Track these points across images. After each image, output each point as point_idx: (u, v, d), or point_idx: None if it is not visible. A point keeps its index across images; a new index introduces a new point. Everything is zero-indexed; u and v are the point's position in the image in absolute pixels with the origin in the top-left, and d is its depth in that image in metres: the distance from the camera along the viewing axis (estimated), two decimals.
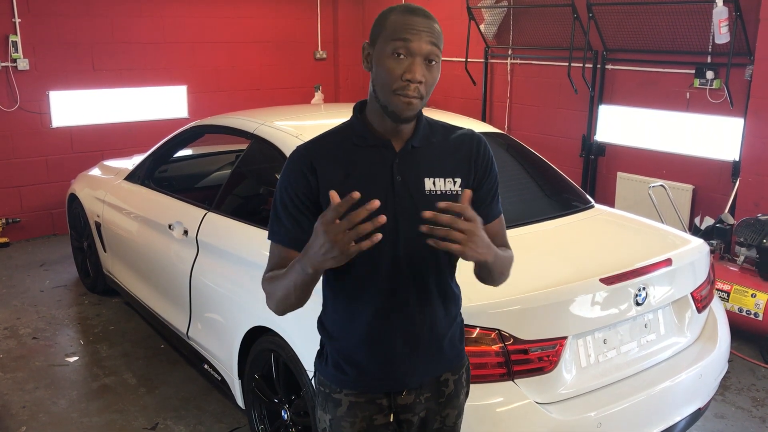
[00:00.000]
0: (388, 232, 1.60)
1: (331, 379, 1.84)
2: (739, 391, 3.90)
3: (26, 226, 6.47)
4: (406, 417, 1.85)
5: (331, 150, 1.74)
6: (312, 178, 1.70)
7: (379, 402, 1.82)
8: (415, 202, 1.70)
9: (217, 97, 7.34)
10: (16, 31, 6.06)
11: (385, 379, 1.81)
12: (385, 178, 1.71)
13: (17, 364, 4.17)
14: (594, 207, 3.49)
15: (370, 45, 1.71)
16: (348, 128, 1.78)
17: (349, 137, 1.76)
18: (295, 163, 1.74)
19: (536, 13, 6.40)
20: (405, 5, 1.70)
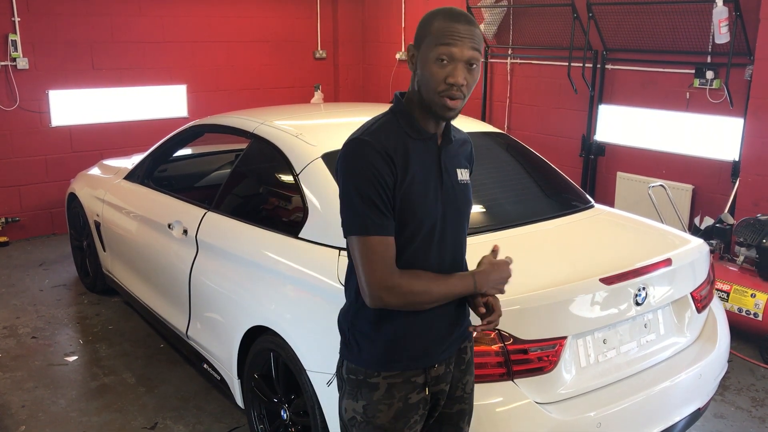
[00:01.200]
0: (438, 218, 1.86)
1: (368, 363, 1.87)
2: (738, 391, 3.90)
3: (26, 225, 6.47)
4: (438, 388, 1.96)
5: (395, 142, 1.80)
6: (393, 167, 1.76)
7: (414, 380, 1.90)
8: (455, 189, 1.92)
9: (216, 96, 7.33)
10: (15, 30, 6.06)
11: (425, 356, 1.91)
12: (435, 169, 1.87)
13: (16, 363, 4.17)
14: (594, 207, 3.49)
15: (415, 47, 1.83)
16: (395, 121, 1.85)
17: (402, 129, 1.83)
18: (377, 151, 1.75)
19: (536, 12, 6.40)
20: (448, 11, 1.81)
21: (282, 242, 3.03)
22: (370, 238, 1.74)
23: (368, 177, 1.73)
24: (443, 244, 1.89)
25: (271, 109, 4.28)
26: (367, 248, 1.75)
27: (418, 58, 1.81)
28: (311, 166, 3.06)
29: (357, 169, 1.74)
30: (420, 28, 1.82)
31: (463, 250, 1.99)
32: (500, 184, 3.49)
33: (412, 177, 1.79)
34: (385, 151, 1.76)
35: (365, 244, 1.75)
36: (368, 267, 1.75)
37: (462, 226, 1.96)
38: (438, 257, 1.88)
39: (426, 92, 1.80)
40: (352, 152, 1.77)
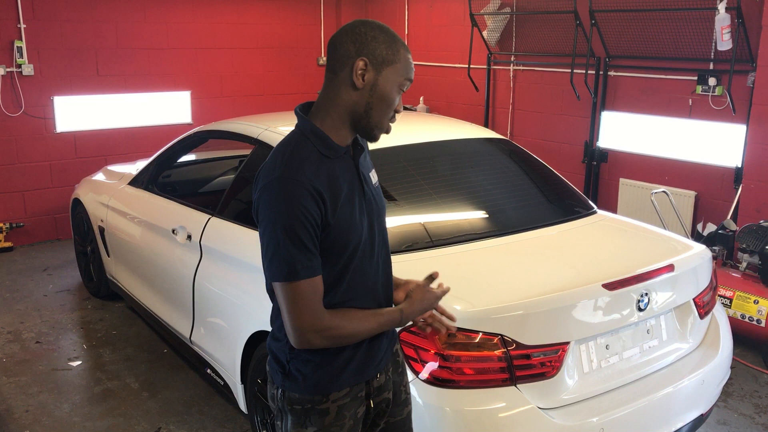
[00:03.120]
0: (367, 230, 1.82)
1: (315, 389, 1.84)
2: (741, 397, 3.90)
3: (30, 230, 6.49)
4: (381, 397, 1.97)
5: (317, 170, 1.72)
6: (321, 203, 1.69)
7: (359, 395, 1.90)
8: (373, 196, 1.90)
9: (220, 102, 7.36)
10: (21, 36, 6.09)
11: (367, 369, 1.90)
12: (356, 183, 1.83)
13: (20, 368, 4.18)
14: (596, 213, 3.49)
15: (374, 69, 1.74)
16: (307, 143, 1.76)
17: (316, 151, 1.75)
18: (305, 190, 1.66)
19: (539, 19, 6.42)
20: (402, 41, 1.80)
21: None
22: (299, 283, 1.68)
23: (298, 218, 1.65)
24: (373, 253, 1.87)
25: (274, 115, 4.30)
26: (295, 294, 1.69)
27: (376, 79, 1.74)
28: None
29: (285, 211, 1.65)
30: (383, 50, 1.73)
31: (389, 251, 1.99)
32: (503, 191, 3.50)
33: (339, 203, 1.73)
34: (313, 186, 1.68)
35: (294, 290, 1.69)
36: (296, 312, 1.70)
37: (385, 230, 1.96)
38: (373, 268, 1.88)
39: (375, 115, 1.77)
40: (279, 192, 1.67)
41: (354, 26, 1.76)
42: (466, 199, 3.32)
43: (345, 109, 1.77)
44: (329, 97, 1.78)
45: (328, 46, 1.79)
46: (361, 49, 1.72)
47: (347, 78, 1.74)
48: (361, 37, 1.73)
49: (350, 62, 1.73)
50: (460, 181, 3.42)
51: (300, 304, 1.70)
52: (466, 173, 3.51)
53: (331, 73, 1.78)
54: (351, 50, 1.73)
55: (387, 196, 3.13)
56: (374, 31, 1.74)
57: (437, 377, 2.38)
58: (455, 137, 3.75)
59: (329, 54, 1.78)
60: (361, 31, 1.74)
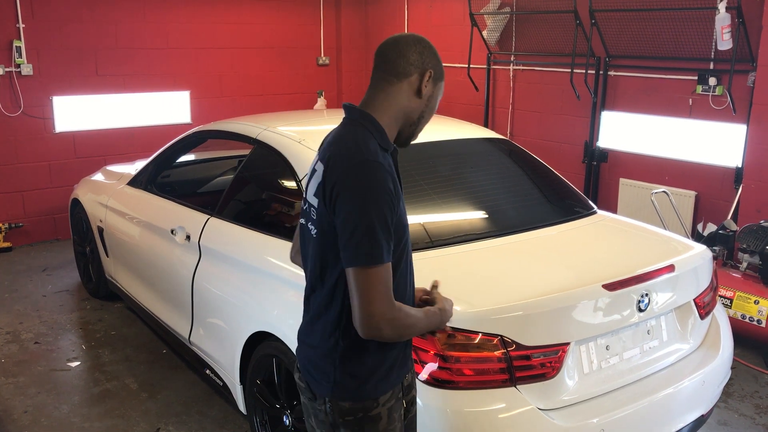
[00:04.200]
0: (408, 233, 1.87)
1: (368, 394, 1.82)
2: (742, 398, 3.89)
3: (29, 230, 6.48)
4: (411, 395, 2.00)
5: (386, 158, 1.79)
6: (397, 188, 1.76)
7: (399, 395, 1.90)
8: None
9: (219, 102, 7.35)
10: (20, 36, 6.09)
11: (405, 367, 1.93)
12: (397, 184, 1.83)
13: (19, 368, 4.17)
14: (596, 213, 3.49)
15: (433, 80, 1.87)
16: (368, 133, 1.80)
17: (375, 142, 1.80)
18: (389, 174, 1.73)
19: (539, 19, 6.41)
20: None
21: (285, 248, 3.03)
22: (381, 268, 1.69)
23: (387, 201, 1.69)
24: (410, 251, 1.92)
25: (274, 115, 4.29)
26: (376, 278, 1.68)
27: (433, 91, 1.88)
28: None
29: (375, 194, 1.68)
30: (440, 66, 1.89)
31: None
32: (503, 191, 3.49)
33: (400, 193, 1.80)
34: (392, 172, 1.75)
35: (375, 275, 1.68)
36: (372, 297, 1.68)
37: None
38: (410, 267, 1.92)
39: (423, 123, 1.90)
40: (367, 175, 1.69)
41: (418, 39, 1.87)
42: (465, 199, 3.32)
43: (402, 114, 1.86)
44: (388, 100, 1.84)
45: (387, 50, 1.85)
46: (426, 61, 1.85)
47: (413, 85, 1.84)
48: (427, 50, 1.86)
49: (417, 71, 1.84)
50: (459, 181, 3.41)
51: (379, 289, 1.68)
52: (466, 173, 3.50)
53: (392, 77, 1.83)
54: (418, 60, 1.84)
55: None
56: (433, 48, 1.89)
57: (437, 378, 2.37)
58: (455, 137, 3.74)
59: (391, 59, 1.84)
60: (426, 44, 1.87)
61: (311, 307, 1.89)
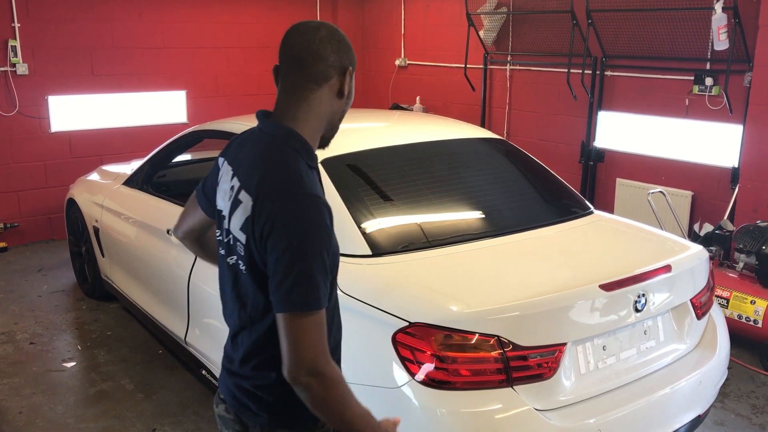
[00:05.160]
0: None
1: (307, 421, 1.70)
2: (738, 398, 3.89)
3: (24, 230, 6.46)
4: None
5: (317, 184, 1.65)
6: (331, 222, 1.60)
7: None
8: None
9: (216, 102, 7.34)
10: (15, 35, 6.06)
11: None
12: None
13: (14, 369, 4.15)
14: (593, 213, 3.48)
15: (352, 75, 1.71)
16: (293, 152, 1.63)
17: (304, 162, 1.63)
18: (324, 207, 1.57)
19: (535, 19, 6.41)
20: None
21: None
22: (319, 314, 1.52)
23: (324, 240, 1.53)
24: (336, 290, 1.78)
25: None
26: (311, 325, 1.51)
27: (351, 86, 1.72)
28: None
29: (313, 233, 1.52)
30: (353, 55, 1.71)
31: None
32: (500, 191, 3.49)
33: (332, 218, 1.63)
34: (327, 205, 1.59)
35: (311, 321, 1.51)
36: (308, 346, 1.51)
37: None
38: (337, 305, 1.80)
39: (338, 121, 1.75)
40: (305, 211, 1.52)
41: (331, 33, 1.67)
42: (462, 199, 3.31)
43: (326, 118, 1.70)
44: (311, 109, 1.67)
45: (304, 54, 1.66)
46: (344, 57, 1.68)
47: (334, 88, 1.67)
48: (342, 44, 1.68)
49: (337, 72, 1.67)
50: (456, 181, 3.40)
51: (312, 337, 1.51)
52: (463, 173, 3.50)
53: (312, 84, 1.66)
54: (336, 60, 1.66)
55: (383, 196, 3.12)
56: (345, 37, 1.70)
57: (433, 378, 2.36)
58: (451, 137, 3.74)
59: (307, 63, 1.65)
60: (339, 37, 1.68)
61: (241, 346, 1.71)
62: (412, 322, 2.41)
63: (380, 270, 2.72)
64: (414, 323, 2.41)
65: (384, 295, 2.58)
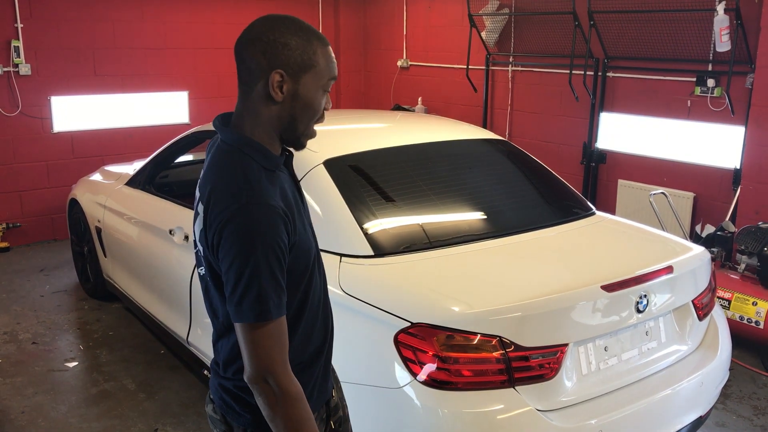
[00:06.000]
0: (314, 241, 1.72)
1: None
2: (740, 399, 3.89)
3: (27, 230, 6.47)
4: (338, 416, 1.92)
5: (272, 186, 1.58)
6: (289, 225, 1.56)
7: (323, 416, 1.84)
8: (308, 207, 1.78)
9: (218, 103, 7.34)
10: (18, 36, 6.08)
11: (325, 390, 1.84)
12: (296, 192, 1.71)
13: (16, 369, 4.16)
14: (595, 214, 3.49)
15: (291, 78, 1.58)
16: (246, 157, 1.60)
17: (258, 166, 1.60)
18: (280, 216, 1.53)
19: (538, 20, 6.41)
20: (316, 34, 1.62)
21: None
22: (271, 324, 1.52)
23: (273, 250, 1.50)
24: (320, 265, 1.78)
25: None
26: (264, 336, 1.52)
27: (296, 89, 1.58)
28: (312, 173, 3.06)
29: (260, 244, 1.48)
30: (298, 56, 1.57)
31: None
32: (501, 192, 3.49)
33: (296, 218, 1.60)
34: (281, 208, 1.54)
35: (264, 332, 1.51)
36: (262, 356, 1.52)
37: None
38: (322, 281, 1.78)
39: (301, 125, 1.63)
40: (250, 222, 1.49)
41: (260, 33, 1.57)
42: (464, 200, 3.31)
43: (269, 122, 1.62)
44: (250, 110, 1.63)
45: (236, 55, 1.62)
46: (273, 60, 1.56)
47: (263, 92, 1.59)
48: (270, 47, 1.56)
49: (264, 76, 1.57)
50: (458, 182, 3.41)
51: (266, 346, 1.52)
52: (464, 174, 3.50)
53: (244, 85, 1.62)
54: (262, 62, 1.57)
55: (385, 196, 3.12)
56: (284, 36, 1.56)
57: (435, 379, 2.36)
58: (453, 138, 3.74)
59: (238, 64, 1.62)
60: (269, 39, 1.56)
61: (221, 352, 1.73)
62: (414, 322, 2.42)
63: (382, 270, 2.72)
64: (416, 323, 2.41)
65: (386, 296, 2.58)
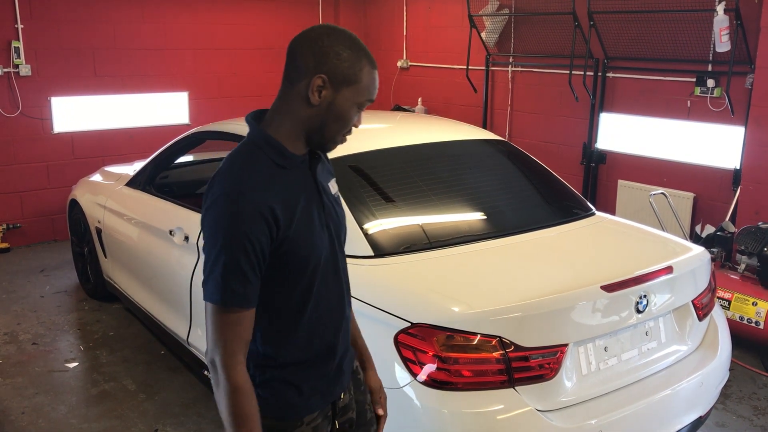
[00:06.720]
0: (328, 245, 1.73)
1: (289, 413, 1.74)
2: (740, 399, 3.89)
3: (27, 231, 6.47)
4: (346, 417, 1.90)
5: (270, 181, 1.62)
6: (271, 220, 1.58)
7: (328, 414, 1.83)
8: (333, 207, 1.80)
9: (218, 103, 7.35)
10: (18, 36, 6.08)
11: (335, 389, 1.84)
12: (315, 194, 1.73)
13: (17, 369, 4.16)
14: (594, 214, 3.49)
15: (332, 87, 1.62)
16: (259, 151, 1.66)
17: (269, 161, 1.65)
18: (252, 207, 1.55)
19: (537, 20, 6.42)
20: (368, 55, 1.67)
21: None
22: (233, 313, 1.58)
23: (240, 241, 1.54)
24: (337, 271, 1.80)
25: None
26: (219, 320, 1.59)
27: (334, 98, 1.63)
28: None
29: (228, 233, 1.55)
30: (344, 67, 1.61)
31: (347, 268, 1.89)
32: (501, 192, 3.50)
33: (296, 215, 1.63)
34: (264, 202, 1.57)
35: (225, 318, 1.59)
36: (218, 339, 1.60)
37: (343, 244, 1.86)
38: (337, 283, 1.80)
39: (329, 131, 1.67)
40: (224, 211, 1.56)
41: (318, 36, 1.62)
42: (464, 200, 3.32)
43: (299, 122, 1.66)
44: (284, 106, 1.67)
45: (288, 51, 1.66)
46: (321, 64, 1.60)
47: (303, 92, 1.63)
48: (323, 51, 1.60)
49: (308, 77, 1.61)
50: (458, 183, 3.41)
51: (219, 330, 1.59)
52: (464, 174, 3.51)
53: (287, 81, 1.66)
54: (310, 63, 1.61)
55: (385, 197, 3.12)
56: (339, 46, 1.61)
57: (435, 379, 2.37)
58: (453, 138, 3.74)
59: (287, 61, 1.66)
60: (324, 44, 1.61)
61: None
62: (414, 322, 2.42)
63: (382, 271, 2.73)
64: (416, 324, 2.42)
65: (386, 296, 2.58)
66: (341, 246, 1.84)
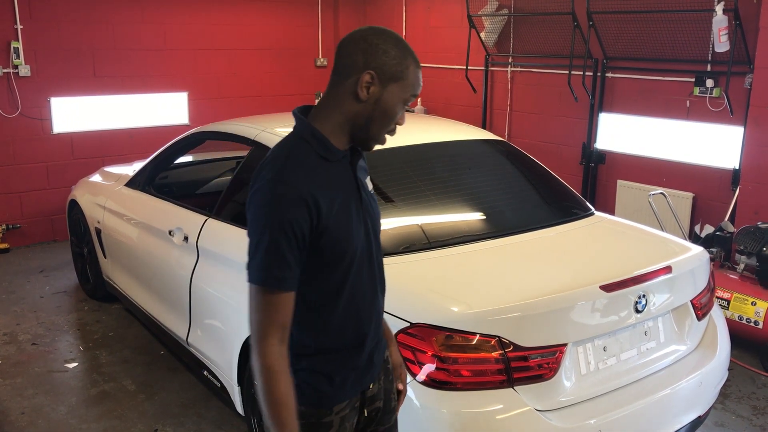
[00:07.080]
0: (364, 239, 1.80)
1: (321, 403, 1.79)
2: (739, 399, 3.89)
3: (26, 232, 6.47)
4: (374, 405, 1.93)
5: (313, 172, 1.68)
6: (313, 209, 1.64)
7: (356, 405, 1.87)
8: (370, 203, 1.86)
9: (217, 104, 7.35)
10: (18, 37, 6.08)
11: (365, 379, 1.88)
12: (353, 189, 1.79)
13: (16, 370, 4.16)
14: (594, 214, 3.49)
15: (380, 83, 1.70)
16: (304, 144, 1.72)
17: (314, 153, 1.71)
18: (296, 195, 1.62)
19: (537, 21, 6.42)
20: (414, 56, 1.76)
21: None
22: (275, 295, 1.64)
23: (283, 226, 1.60)
24: (371, 264, 1.84)
25: (272, 117, 4.29)
26: (261, 301, 1.65)
27: (381, 93, 1.70)
28: None
29: (272, 217, 1.61)
30: (392, 63, 1.69)
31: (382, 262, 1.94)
32: (501, 192, 3.50)
33: (335, 208, 1.69)
34: (307, 191, 1.63)
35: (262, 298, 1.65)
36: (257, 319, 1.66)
37: (379, 239, 1.91)
38: (371, 277, 1.84)
39: (374, 128, 1.74)
40: (269, 197, 1.62)
41: (367, 35, 1.71)
42: (463, 200, 3.32)
43: (346, 117, 1.72)
44: (332, 102, 1.74)
45: (338, 49, 1.74)
46: (369, 61, 1.68)
47: (352, 88, 1.70)
48: (372, 49, 1.69)
49: (357, 73, 1.69)
50: (457, 183, 3.41)
51: (262, 312, 1.65)
52: (464, 175, 3.51)
53: (336, 77, 1.73)
54: (359, 60, 1.69)
55: (384, 197, 3.13)
56: (386, 44, 1.70)
57: (434, 379, 2.37)
58: (453, 138, 3.75)
59: (337, 57, 1.74)
60: (373, 42, 1.69)
61: None
62: (414, 322, 2.42)
63: None
64: (415, 324, 2.42)
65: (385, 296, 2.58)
66: (377, 241, 1.88)
